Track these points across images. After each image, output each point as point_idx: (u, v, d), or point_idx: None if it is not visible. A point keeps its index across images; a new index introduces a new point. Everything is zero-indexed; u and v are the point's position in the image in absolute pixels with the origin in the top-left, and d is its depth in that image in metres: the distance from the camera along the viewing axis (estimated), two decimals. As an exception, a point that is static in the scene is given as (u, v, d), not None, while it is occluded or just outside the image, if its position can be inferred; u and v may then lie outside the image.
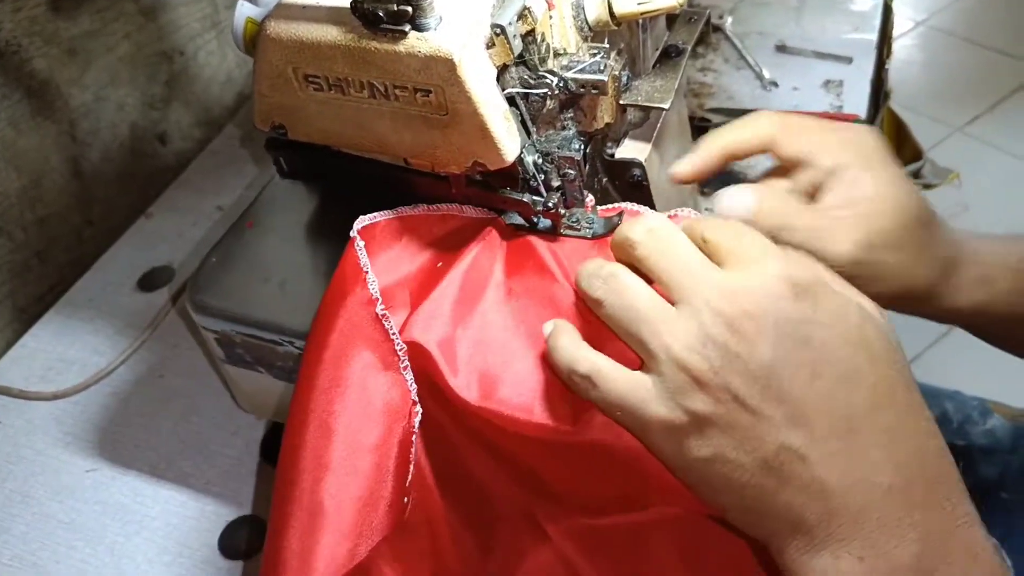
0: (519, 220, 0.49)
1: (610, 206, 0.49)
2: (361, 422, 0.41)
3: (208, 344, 0.53)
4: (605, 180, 0.54)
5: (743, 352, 0.33)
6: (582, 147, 0.46)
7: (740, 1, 0.90)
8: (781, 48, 0.83)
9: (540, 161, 0.46)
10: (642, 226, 0.38)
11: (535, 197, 0.47)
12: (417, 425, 0.42)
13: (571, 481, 0.40)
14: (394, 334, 0.42)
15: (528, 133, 0.45)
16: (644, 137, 0.53)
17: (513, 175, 0.46)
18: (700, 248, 0.37)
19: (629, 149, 0.52)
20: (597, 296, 0.37)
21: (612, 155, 0.52)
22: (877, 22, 0.84)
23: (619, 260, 0.40)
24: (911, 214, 0.44)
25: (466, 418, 0.40)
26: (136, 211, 0.82)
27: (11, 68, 0.71)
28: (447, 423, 0.42)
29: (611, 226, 0.47)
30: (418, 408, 0.42)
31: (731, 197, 0.45)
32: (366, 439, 0.41)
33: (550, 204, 0.46)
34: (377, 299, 0.43)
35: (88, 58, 0.78)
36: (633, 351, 0.36)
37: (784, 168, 0.47)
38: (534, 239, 0.47)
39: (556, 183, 0.47)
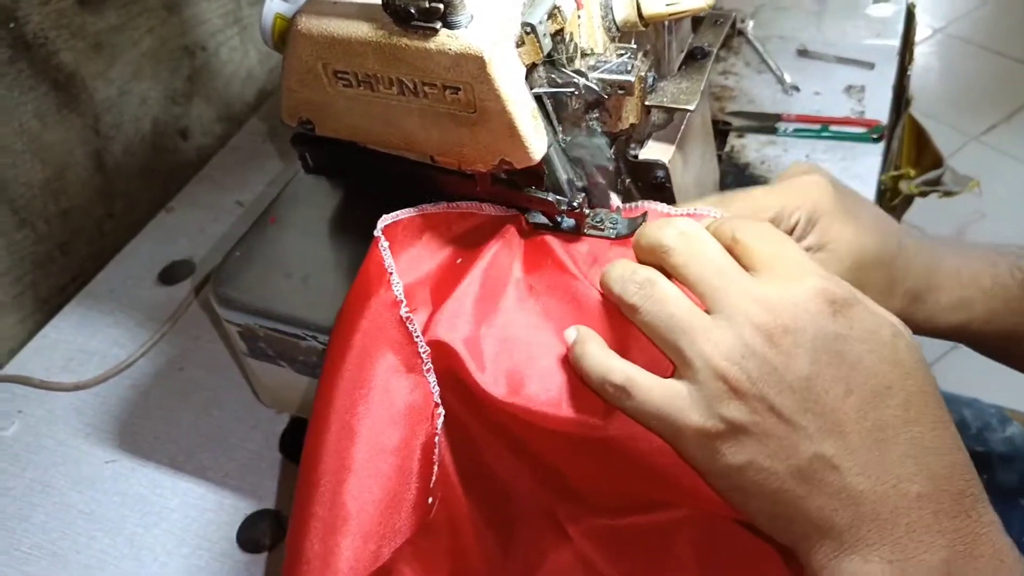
0: (542, 219, 0.49)
1: (633, 205, 0.49)
2: (384, 424, 0.41)
3: (231, 337, 0.53)
4: (628, 181, 0.54)
5: (780, 365, 0.34)
6: (612, 155, 0.46)
7: (761, 5, 0.90)
8: (803, 52, 0.83)
9: (567, 165, 0.46)
10: (674, 230, 0.38)
11: (559, 196, 0.47)
12: (440, 427, 0.42)
13: (596, 478, 0.41)
14: (418, 336, 0.42)
15: (554, 132, 0.45)
16: (668, 139, 0.53)
17: (538, 174, 0.46)
18: (730, 249, 0.38)
19: (653, 150, 0.52)
20: (633, 302, 0.38)
21: (636, 156, 0.52)
22: (899, 28, 0.84)
23: (643, 262, 0.40)
24: (865, 256, 0.46)
25: (493, 415, 0.40)
26: (157, 205, 0.83)
27: (38, 61, 0.71)
28: (471, 422, 0.42)
29: (634, 227, 0.47)
30: (440, 410, 0.42)
31: None
32: (389, 441, 0.41)
33: (575, 204, 0.47)
34: (401, 301, 0.43)
35: (113, 52, 0.78)
36: (668, 358, 0.37)
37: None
38: (549, 238, 0.47)
39: (581, 183, 0.47)
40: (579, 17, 0.44)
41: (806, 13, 0.88)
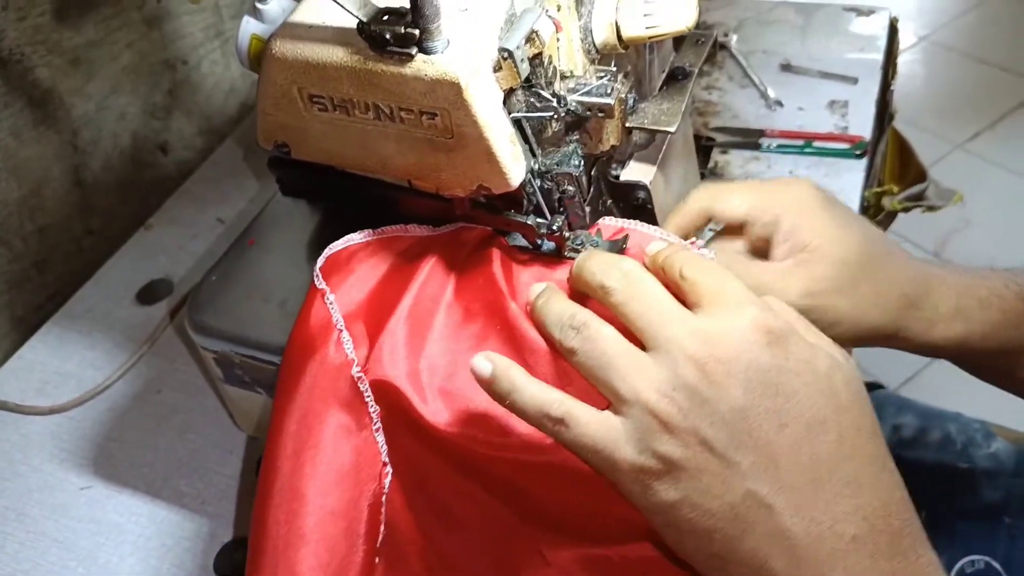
0: (523, 242, 0.49)
1: (613, 221, 0.49)
2: (331, 486, 0.42)
3: (206, 364, 0.52)
4: (610, 202, 0.53)
5: (713, 396, 0.33)
6: (580, 163, 0.46)
7: (745, 19, 0.89)
8: (786, 67, 0.83)
9: (544, 183, 0.45)
10: (617, 271, 0.38)
11: (539, 219, 0.46)
12: (387, 487, 0.42)
13: (563, 502, 0.40)
14: (368, 396, 0.42)
15: (534, 155, 0.45)
16: (649, 159, 0.53)
17: (517, 198, 0.45)
18: (677, 283, 0.38)
19: (634, 171, 0.52)
20: (571, 346, 0.37)
21: (617, 177, 0.52)
22: (883, 43, 0.83)
23: (578, 291, 0.41)
24: (852, 258, 0.45)
25: (443, 445, 0.40)
26: (136, 221, 0.81)
27: (14, 77, 0.70)
28: (425, 455, 0.42)
29: (615, 249, 0.47)
30: (388, 469, 0.43)
31: None
32: (337, 503, 0.41)
33: (555, 227, 0.46)
34: (352, 360, 0.42)
35: (91, 68, 0.77)
36: (604, 396, 0.37)
37: (735, 227, 0.50)
38: (495, 250, 0.46)
39: (559, 204, 0.47)
40: (558, 40, 0.44)
41: (790, 27, 0.88)
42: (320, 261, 0.47)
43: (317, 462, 0.41)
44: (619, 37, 0.45)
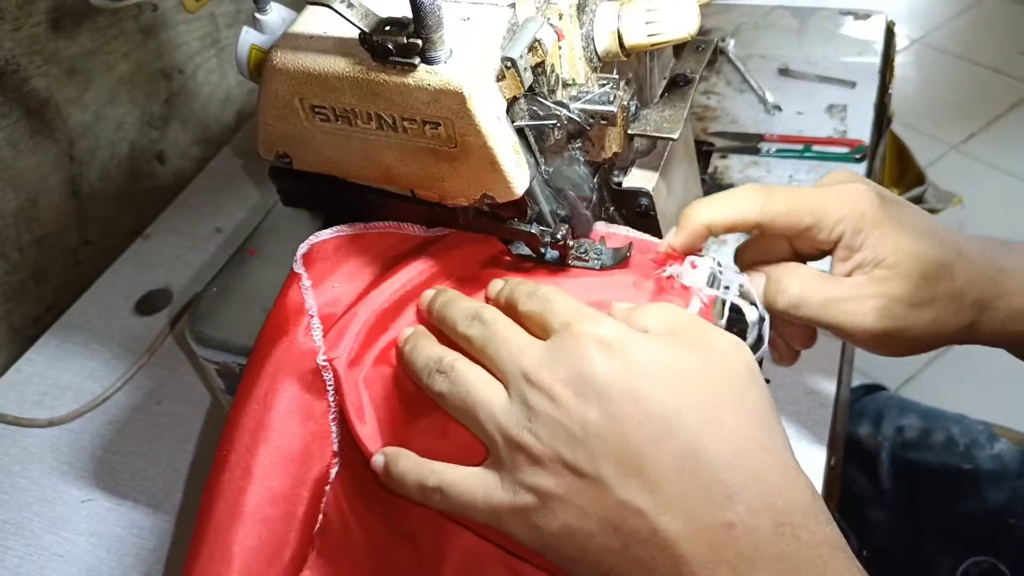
0: (526, 251, 0.49)
1: (617, 229, 0.49)
2: (278, 469, 0.42)
3: (208, 375, 0.52)
4: (612, 209, 0.53)
5: (564, 418, 0.34)
6: (595, 185, 0.46)
7: (742, 24, 0.90)
8: (784, 71, 0.83)
9: (550, 196, 0.45)
10: (476, 320, 0.39)
11: (543, 228, 0.46)
12: (332, 476, 0.43)
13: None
14: (330, 384, 0.42)
15: (537, 164, 0.44)
16: (651, 166, 0.53)
17: (521, 206, 0.45)
18: (520, 321, 0.38)
19: (636, 178, 0.52)
20: (439, 390, 0.38)
21: (619, 184, 0.52)
22: (880, 47, 0.84)
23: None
24: (928, 266, 0.42)
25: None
26: (134, 231, 0.81)
27: (10, 87, 0.70)
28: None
29: (620, 257, 0.47)
30: (336, 460, 0.43)
31: (742, 285, 0.44)
32: (281, 487, 0.42)
33: (558, 236, 0.46)
34: (320, 348, 0.42)
35: (88, 77, 0.77)
36: (478, 441, 0.37)
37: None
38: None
39: (564, 213, 0.47)
40: (560, 48, 0.44)
41: (786, 32, 0.88)
42: (303, 247, 0.47)
43: (270, 442, 0.42)
44: (621, 45, 0.45)
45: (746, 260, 0.48)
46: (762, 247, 0.48)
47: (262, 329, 0.45)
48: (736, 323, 0.44)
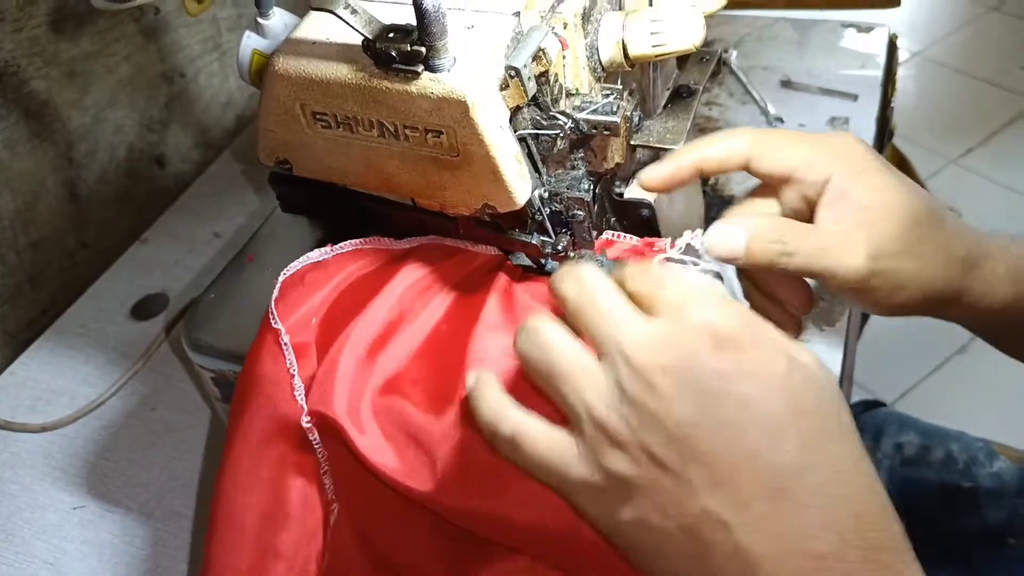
0: (527, 261, 0.48)
1: (617, 235, 0.49)
2: (276, 528, 0.42)
3: (203, 382, 0.51)
4: (614, 219, 0.53)
5: (660, 410, 0.31)
6: (591, 188, 0.45)
7: (745, 35, 0.89)
8: (786, 83, 0.83)
9: (550, 203, 0.45)
10: (572, 280, 0.36)
11: (544, 238, 0.46)
12: (332, 522, 0.43)
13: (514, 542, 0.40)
14: (317, 443, 0.42)
15: (539, 173, 0.44)
16: (654, 177, 0.52)
17: (522, 216, 0.45)
18: (630, 298, 0.35)
19: (638, 189, 0.51)
20: (521, 348, 0.35)
21: (621, 194, 0.52)
22: (882, 60, 0.84)
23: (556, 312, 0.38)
24: (917, 214, 0.41)
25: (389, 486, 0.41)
26: (132, 235, 0.81)
27: (9, 89, 0.70)
28: (374, 494, 0.42)
29: (621, 268, 0.46)
30: (335, 507, 0.43)
31: (720, 236, 0.42)
32: (282, 546, 0.42)
33: (560, 246, 0.45)
34: (303, 409, 0.42)
35: (88, 80, 0.77)
36: (558, 409, 0.35)
37: (768, 186, 0.44)
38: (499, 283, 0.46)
39: (567, 226, 0.46)
40: (564, 58, 0.43)
41: (790, 44, 0.88)
42: (275, 292, 0.45)
43: (265, 505, 0.42)
44: (626, 55, 0.45)
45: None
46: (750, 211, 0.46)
47: (239, 383, 0.44)
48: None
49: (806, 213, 0.43)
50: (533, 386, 0.36)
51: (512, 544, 0.39)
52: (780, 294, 0.46)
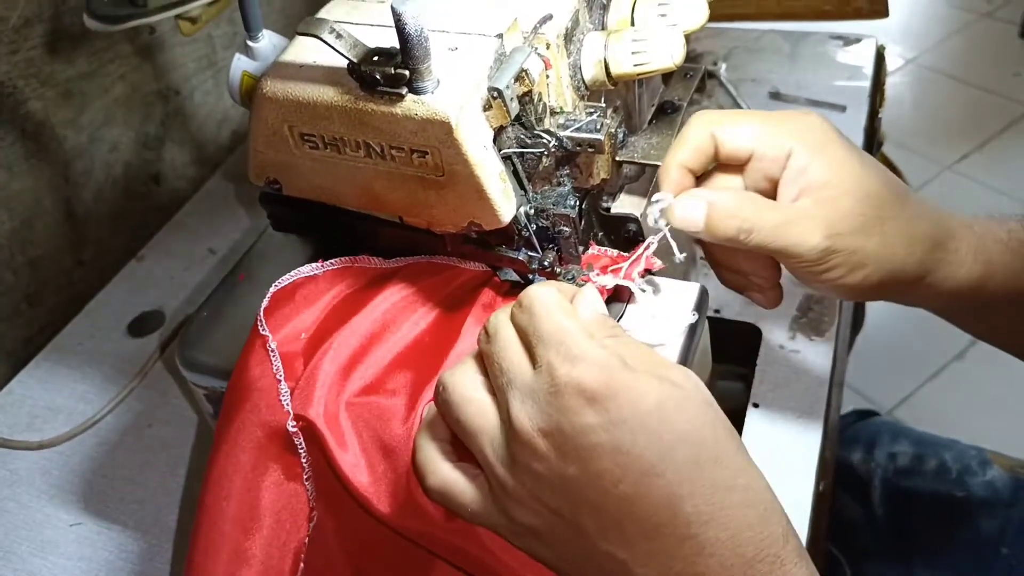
0: (515, 277, 0.49)
1: (602, 250, 0.49)
2: (247, 532, 0.43)
3: (197, 399, 0.52)
4: (601, 235, 0.53)
5: (543, 471, 0.34)
6: (577, 204, 0.46)
7: (734, 47, 0.90)
8: (775, 95, 0.84)
9: (536, 219, 0.46)
10: (491, 323, 0.38)
11: (531, 254, 0.46)
12: (311, 528, 0.44)
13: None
14: (302, 448, 0.43)
15: (524, 191, 0.45)
16: (640, 191, 0.53)
17: (509, 233, 0.46)
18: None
19: (625, 204, 0.52)
20: (436, 405, 0.39)
21: (608, 210, 0.52)
22: (869, 71, 0.84)
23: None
24: (876, 192, 0.41)
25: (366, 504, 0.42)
26: (128, 252, 0.81)
27: (5, 110, 0.70)
28: (353, 508, 0.43)
29: (602, 281, 0.47)
30: (315, 514, 0.44)
31: (681, 208, 0.42)
32: (252, 549, 0.43)
33: (546, 262, 0.46)
34: (289, 413, 0.43)
35: (84, 99, 0.78)
36: None
37: (734, 164, 0.44)
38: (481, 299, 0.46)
39: (553, 242, 0.47)
40: (547, 77, 0.44)
41: (778, 56, 0.89)
42: (264, 302, 0.46)
43: (247, 508, 0.43)
44: (608, 74, 0.46)
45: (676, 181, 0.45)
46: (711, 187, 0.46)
47: (228, 390, 0.45)
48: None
49: (770, 191, 0.43)
50: None
51: (479, 570, 0.41)
52: (745, 267, 0.47)
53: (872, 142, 0.83)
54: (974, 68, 2.05)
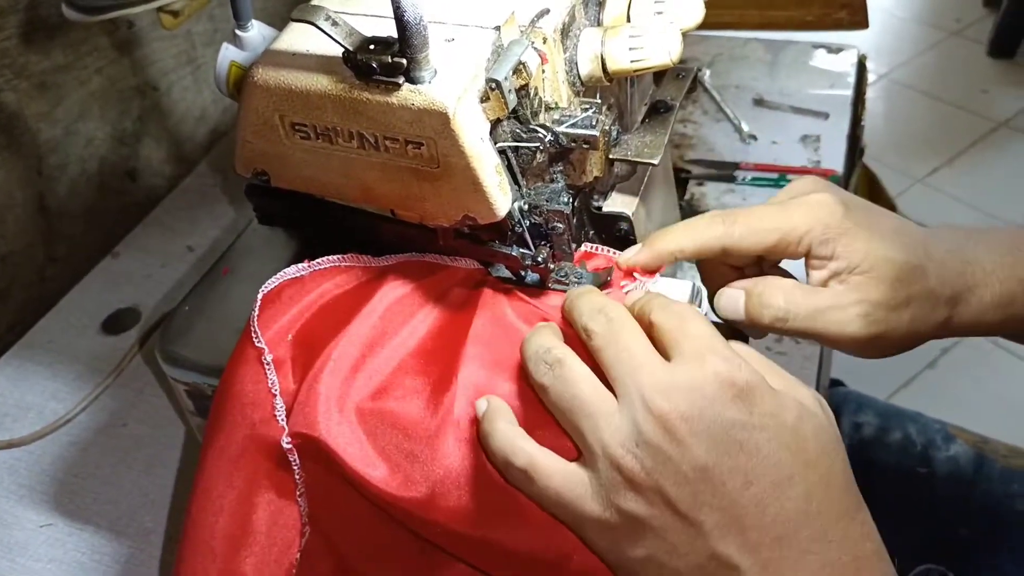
0: (506, 273, 0.48)
1: (594, 248, 0.49)
2: (240, 549, 0.42)
3: (177, 395, 0.51)
4: (592, 233, 0.53)
5: (675, 455, 0.33)
6: (571, 201, 0.45)
7: (718, 55, 0.91)
8: (759, 102, 0.85)
9: (529, 215, 0.45)
10: (602, 316, 0.37)
11: (524, 251, 0.46)
12: (303, 543, 0.43)
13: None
14: (296, 464, 0.42)
15: (518, 186, 0.44)
16: (631, 191, 0.53)
17: (502, 228, 0.45)
18: (648, 331, 0.37)
19: (616, 203, 0.52)
20: (542, 382, 0.37)
21: (599, 208, 0.52)
22: (852, 79, 0.85)
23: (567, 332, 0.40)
24: (901, 268, 0.43)
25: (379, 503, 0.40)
26: (103, 249, 0.79)
27: (-23, 101, 0.69)
28: (359, 510, 0.41)
29: (599, 281, 0.46)
30: (307, 529, 0.43)
31: (725, 301, 0.44)
32: (245, 567, 0.42)
33: (539, 259, 0.46)
34: (284, 429, 0.42)
35: (59, 92, 0.76)
36: (573, 442, 0.36)
37: None
38: (496, 295, 0.45)
39: (546, 238, 0.47)
40: (544, 72, 0.44)
41: (761, 63, 0.89)
42: (256, 310, 0.44)
43: (239, 524, 0.42)
44: (604, 70, 0.46)
45: (709, 271, 0.48)
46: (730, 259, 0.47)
47: (217, 397, 0.44)
48: None
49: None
50: (541, 415, 0.37)
51: (498, 570, 0.39)
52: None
53: (855, 150, 0.84)
54: (944, 84, 2.09)
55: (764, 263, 0.48)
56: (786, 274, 0.47)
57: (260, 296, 0.45)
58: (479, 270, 0.47)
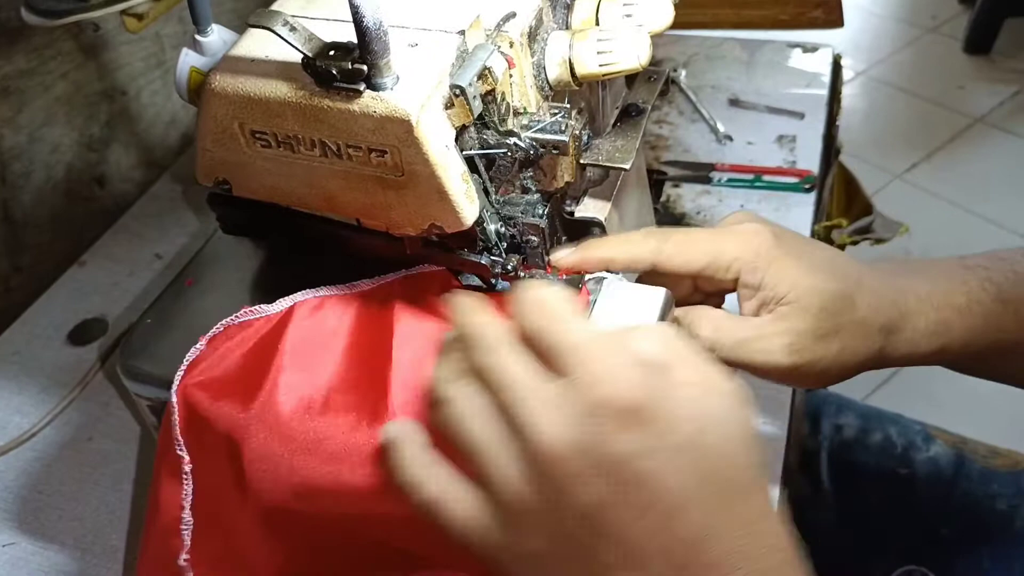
0: (477, 281, 0.47)
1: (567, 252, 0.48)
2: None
3: (140, 411, 0.49)
4: (565, 238, 0.52)
5: (568, 491, 0.31)
6: (545, 213, 0.45)
7: (694, 55, 0.90)
8: (734, 102, 0.84)
9: (500, 226, 0.44)
10: (473, 337, 0.35)
11: (494, 258, 0.45)
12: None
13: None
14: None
15: (487, 194, 0.43)
16: (604, 195, 0.52)
17: (470, 236, 0.44)
18: (529, 343, 0.34)
19: (589, 207, 0.51)
20: (438, 423, 0.35)
21: (571, 213, 0.51)
22: (827, 79, 0.85)
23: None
24: (828, 298, 0.43)
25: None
26: (69, 258, 0.78)
27: (-64, 108, 0.67)
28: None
29: (574, 285, 0.46)
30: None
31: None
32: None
33: (509, 266, 0.45)
34: (185, 545, 0.43)
35: (22, 98, 0.74)
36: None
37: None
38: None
39: (515, 242, 0.46)
40: (511, 76, 0.43)
41: (737, 63, 0.89)
42: (175, 413, 0.43)
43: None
44: (573, 74, 0.45)
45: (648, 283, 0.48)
46: (665, 278, 0.47)
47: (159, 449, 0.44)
48: None
49: (726, 292, 0.46)
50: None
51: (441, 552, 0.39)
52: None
53: (831, 150, 0.83)
54: (921, 81, 2.11)
55: (706, 293, 0.48)
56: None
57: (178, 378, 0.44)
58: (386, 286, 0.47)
